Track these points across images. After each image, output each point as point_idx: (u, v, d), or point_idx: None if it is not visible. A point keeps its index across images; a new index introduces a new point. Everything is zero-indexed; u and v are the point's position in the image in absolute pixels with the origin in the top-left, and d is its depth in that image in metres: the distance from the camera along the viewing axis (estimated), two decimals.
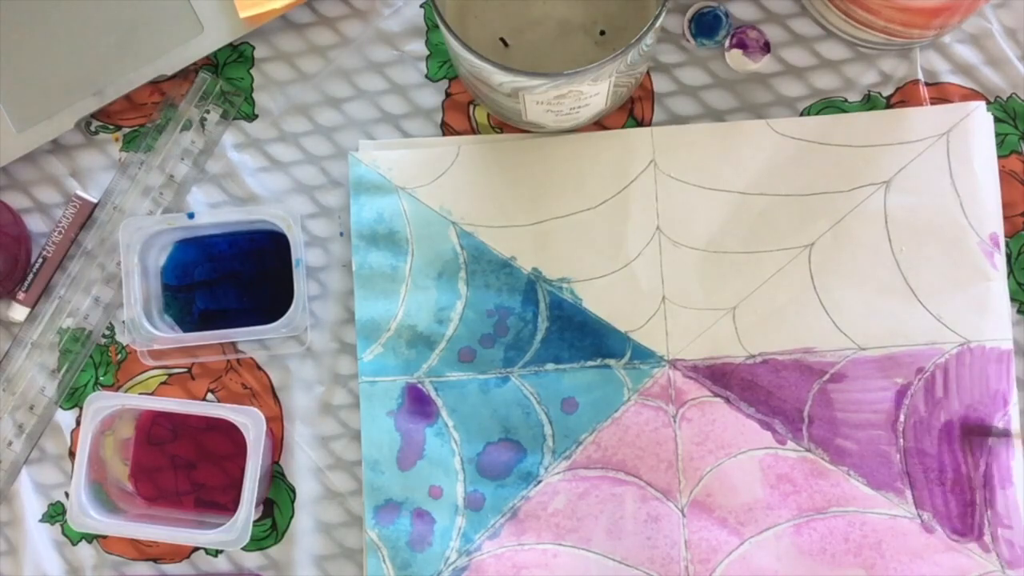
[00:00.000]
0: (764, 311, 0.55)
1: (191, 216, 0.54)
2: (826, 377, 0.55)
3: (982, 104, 0.55)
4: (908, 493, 0.54)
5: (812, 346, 0.55)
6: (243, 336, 0.54)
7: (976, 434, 0.54)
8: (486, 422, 0.55)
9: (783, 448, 0.54)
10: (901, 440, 0.54)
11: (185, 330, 0.57)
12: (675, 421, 0.55)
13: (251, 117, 0.58)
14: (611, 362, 0.55)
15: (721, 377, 0.55)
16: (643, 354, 0.55)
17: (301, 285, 0.54)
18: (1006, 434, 0.53)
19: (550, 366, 0.55)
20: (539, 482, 0.55)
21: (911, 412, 0.54)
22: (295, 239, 0.54)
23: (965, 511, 0.53)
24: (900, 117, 0.56)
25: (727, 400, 0.55)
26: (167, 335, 0.55)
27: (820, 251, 0.55)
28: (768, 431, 0.55)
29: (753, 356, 0.55)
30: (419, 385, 0.55)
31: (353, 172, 0.56)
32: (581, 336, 0.55)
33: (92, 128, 0.58)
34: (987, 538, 0.53)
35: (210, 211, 0.57)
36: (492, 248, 0.56)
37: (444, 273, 0.56)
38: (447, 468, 0.55)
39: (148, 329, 0.54)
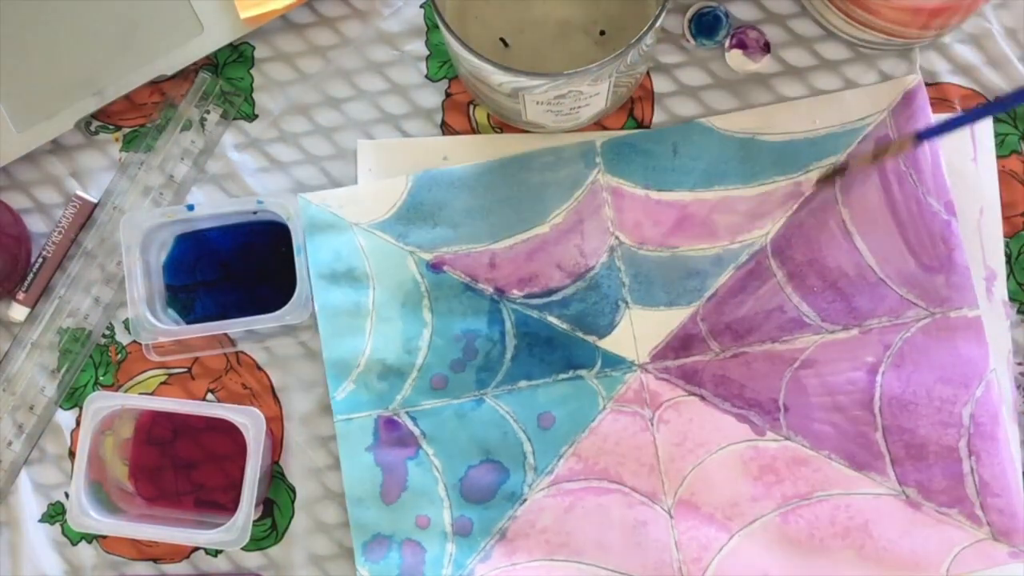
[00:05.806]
0: (728, 305, 0.55)
1: (191, 208, 0.54)
2: (797, 364, 0.55)
3: (918, 77, 0.55)
4: (891, 471, 0.54)
5: (779, 335, 0.55)
6: (251, 324, 0.54)
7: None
8: (465, 446, 0.55)
9: (762, 439, 0.54)
10: (879, 418, 0.54)
11: None
12: (652, 424, 0.55)
13: (251, 117, 0.58)
14: (583, 373, 0.55)
15: (693, 375, 0.55)
16: (613, 361, 0.55)
17: (304, 271, 0.54)
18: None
19: (523, 383, 0.55)
20: (524, 500, 0.55)
21: (885, 390, 0.54)
22: (295, 226, 0.54)
23: (951, 483, 0.53)
24: (838, 100, 0.56)
25: (701, 397, 0.55)
26: (173, 327, 0.55)
27: (777, 240, 0.55)
28: (745, 424, 0.55)
29: (722, 351, 0.55)
30: (395, 417, 0.55)
31: (305, 214, 0.56)
32: (550, 350, 0.55)
33: (92, 128, 0.58)
34: (976, 508, 0.53)
35: (210, 202, 0.57)
36: (451, 273, 0.56)
37: (407, 303, 0.56)
38: (431, 497, 0.55)
39: (152, 322, 0.54)
